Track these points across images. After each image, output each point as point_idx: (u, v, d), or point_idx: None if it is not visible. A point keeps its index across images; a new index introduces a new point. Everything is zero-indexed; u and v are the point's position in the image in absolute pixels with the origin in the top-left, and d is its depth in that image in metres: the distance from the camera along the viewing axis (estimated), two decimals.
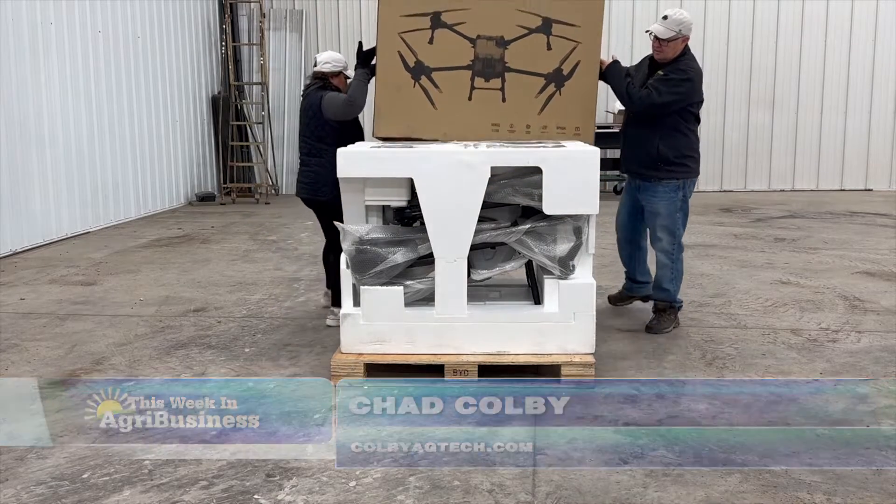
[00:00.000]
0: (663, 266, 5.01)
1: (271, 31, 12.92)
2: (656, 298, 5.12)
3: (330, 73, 5.15)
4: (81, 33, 9.25)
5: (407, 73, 4.47)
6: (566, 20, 4.44)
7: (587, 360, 4.13)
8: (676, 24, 4.71)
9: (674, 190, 4.90)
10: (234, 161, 12.70)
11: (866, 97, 12.73)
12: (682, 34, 4.74)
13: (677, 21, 4.71)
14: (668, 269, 5.00)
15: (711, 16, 12.65)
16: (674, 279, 5.02)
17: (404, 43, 4.44)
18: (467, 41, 4.45)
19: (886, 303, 5.74)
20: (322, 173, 5.02)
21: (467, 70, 4.49)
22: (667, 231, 4.95)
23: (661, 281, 5.05)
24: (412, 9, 4.41)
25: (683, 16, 4.75)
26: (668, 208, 4.92)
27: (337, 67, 5.16)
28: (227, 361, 4.60)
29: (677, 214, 4.94)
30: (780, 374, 4.28)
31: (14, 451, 3.42)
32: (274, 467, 3.24)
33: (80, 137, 9.18)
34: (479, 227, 4.12)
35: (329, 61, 5.16)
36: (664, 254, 4.99)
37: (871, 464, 3.22)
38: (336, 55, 5.26)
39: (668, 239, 4.96)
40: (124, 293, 6.27)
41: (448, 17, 4.42)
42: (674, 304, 5.09)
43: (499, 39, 4.45)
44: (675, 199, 4.91)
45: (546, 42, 4.46)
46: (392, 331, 4.20)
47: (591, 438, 3.48)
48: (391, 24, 4.43)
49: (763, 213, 10.53)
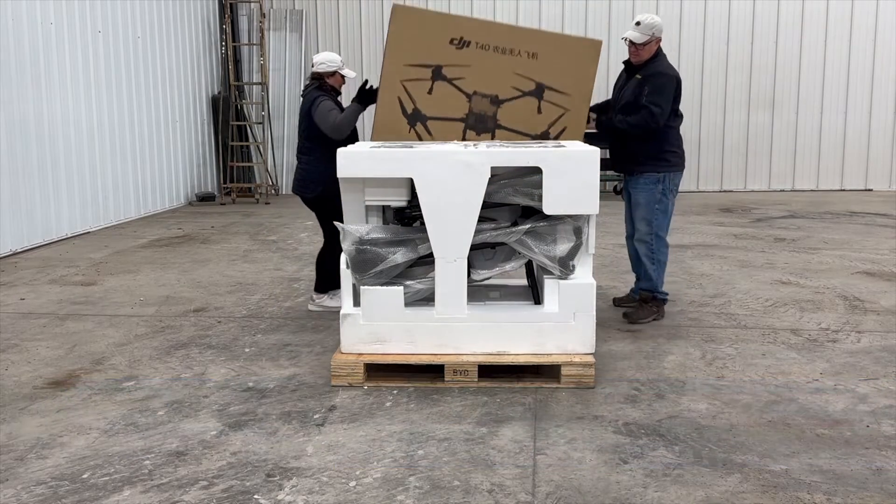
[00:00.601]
0: (644, 256, 5.24)
1: (271, 31, 12.93)
2: (639, 288, 5.37)
3: (325, 74, 5.36)
4: (81, 33, 9.25)
5: (404, 118, 4.71)
6: (558, 87, 4.70)
7: (587, 360, 4.13)
8: (649, 28, 5.03)
9: (653, 182, 5.12)
10: (234, 161, 12.71)
11: (866, 97, 12.73)
12: (654, 36, 5.05)
13: (650, 25, 5.03)
14: (648, 259, 5.22)
15: (711, 15, 12.66)
16: (655, 268, 5.23)
17: (405, 90, 4.67)
18: (464, 95, 4.70)
19: (886, 303, 5.75)
20: (310, 171, 5.34)
21: (461, 122, 4.74)
22: (644, 221, 5.18)
23: (645, 269, 5.27)
24: (417, 59, 4.65)
25: (654, 19, 5.07)
26: (647, 199, 5.14)
27: (331, 68, 5.36)
28: (227, 361, 4.60)
29: (656, 206, 5.14)
30: (780, 374, 4.29)
31: (14, 451, 3.42)
32: (274, 467, 3.24)
33: (80, 137, 9.19)
34: (479, 227, 4.12)
35: (324, 62, 5.37)
36: (643, 244, 5.22)
37: (871, 464, 3.22)
38: (331, 55, 5.43)
39: (645, 229, 5.18)
40: (124, 293, 6.28)
41: (449, 72, 4.67)
42: (655, 296, 5.28)
43: (493, 98, 4.70)
44: (654, 191, 5.13)
45: (537, 105, 4.72)
46: (392, 331, 4.20)
47: (591, 438, 3.49)
48: (395, 71, 4.67)
49: (763, 213, 10.53)
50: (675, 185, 5.20)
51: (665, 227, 5.23)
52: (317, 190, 5.30)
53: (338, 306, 5.27)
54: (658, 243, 5.21)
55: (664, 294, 5.35)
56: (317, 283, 5.66)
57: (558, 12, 12.78)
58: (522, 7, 12.82)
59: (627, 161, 5.19)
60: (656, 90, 4.96)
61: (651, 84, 4.98)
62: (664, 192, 5.14)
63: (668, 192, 5.16)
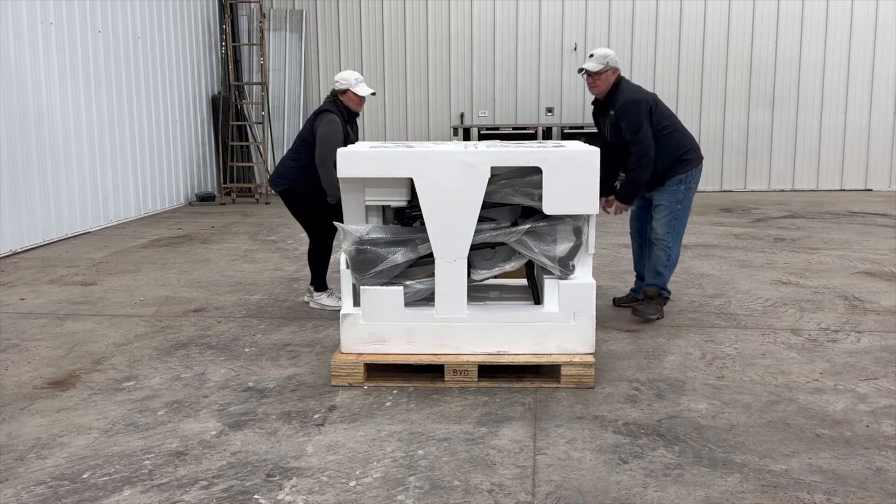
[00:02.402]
0: (659, 252, 5.26)
1: (271, 31, 12.93)
2: (649, 283, 5.35)
3: (337, 91, 5.47)
4: (81, 33, 9.25)
5: None
6: None
7: (587, 360, 4.13)
8: (602, 58, 5.17)
9: (676, 184, 5.21)
10: (234, 161, 12.72)
11: (866, 97, 12.73)
12: (609, 66, 5.18)
13: (602, 56, 5.18)
14: (664, 255, 5.25)
15: (711, 15, 12.66)
16: (668, 266, 5.27)
17: None
18: None
19: (886, 303, 5.74)
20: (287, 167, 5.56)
21: None
22: (663, 222, 5.23)
23: (655, 265, 5.29)
24: None
25: (607, 51, 5.25)
26: (670, 199, 5.22)
27: (343, 85, 5.44)
28: (227, 361, 4.60)
29: (678, 206, 5.21)
30: (780, 374, 4.28)
31: (14, 451, 3.42)
32: (274, 467, 3.24)
33: (80, 137, 9.19)
34: (479, 227, 4.11)
35: (337, 79, 5.48)
36: (659, 244, 5.25)
37: (871, 464, 3.22)
38: (345, 74, 5.50)
39: (663, 230, 5.22)
40: (124, 293, 6.28)
41: None
42: (662, 293, 5.33)
43: None
44: (677, 192, 5.21)
45: None
46: (392, 331, 4.20)
47: (591, 438, 3.49)
48: None
49: (763, 213, 10.53)
50: (696, 181, 5.28)
51: (683, 228, 5.31)
52: (282, 185, 5.52)
53: (336, 306, 5.41)
54: (675, 242, 5.27)
55: (668, 293, 5.40)
56: (312, 279, 5.77)
57: (558, 12, 12.78)
58: (522, 7, 12.82)
59: (653, 182, 5.21)
60: (630, 125, 5.05)
61: (624, 119, 5.07)
62: (686, 191, 5.23)
63: (689, 189, 5.24)
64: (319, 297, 5.73)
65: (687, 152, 5.22)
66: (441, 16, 12.95)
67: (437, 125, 13.18)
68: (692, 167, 5.23)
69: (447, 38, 12.99)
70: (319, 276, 5.73)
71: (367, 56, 13.09)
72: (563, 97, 12.93)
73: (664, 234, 5.22)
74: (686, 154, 5.21)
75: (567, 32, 12.81)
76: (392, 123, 13.24)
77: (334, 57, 13.15)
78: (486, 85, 13.06)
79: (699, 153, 5.31)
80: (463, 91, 13.10)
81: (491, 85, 13.06)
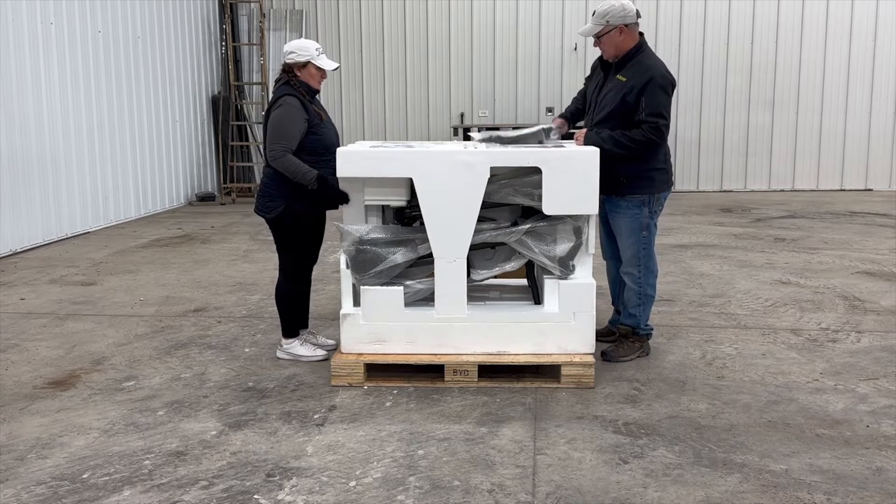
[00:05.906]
0: (629, 289, 4.51)
1: (271, 31, 12.93)
2: (621, 322, 4.64)
3: (294, 65, 4.37)
4: (81, 33, 9.25)
5: None
6: None
7: (587, 359, 4.13)
8: (601, 16, 4.25)
9: (637, 206, 4.35)
10: (234, 161, 12.71)
11: (866, 97, 12.73)
12: (611, 24, 4.22)
13: (601, 13, 4.24)
14: (633, 293, 4.49)
15: (711, 16, 12.66)
16: (641, 305, 4.50)
17: None
18: None
19: (886, 303, 5.74)
20: (269, 185, 4.40)
21: None
22: (629, 251, 4.44)
23: (627, 305, 4.56)
24: None
25: (610, 5, 4.23)
26: (631, 226, 4.38)
27: (303, 57, 4.35)
28: (227, 361, 4.60)
29: (643, 234, 4.38)
30: (780, 374, 4.28)
31: (14, 451, 3.42)
32: (274, 467, 3.24)
33: (80, 137, 9.19)
34: (479, 227, 4.11)
35: (294, 50, 4.38)
36: (628, 276, 4.49)
37: (871, 464, 3.22)
38: (303, 42, 4.42)
39: (631, 260, 4.45)
40: (124, 293, 6.27)
41: None
42: (637, 332, 4.56)
43: None
44: (639, 217, 4.36)
45: None
46: (392, 331, 4.20)
47: (591, 438, 3.48)
48: None
49: (763, 213, 10.53)
50: (661, 206, 4.43)
51: (653, 255, 4.48)
52: (277, 208, 4.36)
53: (311, 355, 4.56)
54: (647, 276, 4.46)
55: (648, 328, 4.59)
56: (282, 326, 4.65)
57: (558, 12, 12.78)
58: (522, 7, 12.82)
59: (607, 182, 4.22)
60: (655, 100, 4.16)
61: (648, 94, 4.16)
62: (651, 216, 4.37)
63: (654, 214, 4.39)
64: (290, 344, 4.62)
65: (659, 171, 4.33)
66: (441, 16, 12.95)
67: (437, 125, 13.18)
68: (657, 190, 4.34)
69: (447, 37, 12.99)
70: (288, 317, 4.62)
71: (367, 56, 13.09)
72: (564, 97, 12.92)
73: (633, 267, 4.44)
74: (657, 173, 4.33)
75: (567, 32, 12.80)
76: (392, 123, 13.24)
77: (334, 57, 13.14)
78: (487, 85, 13.06)
79: (671, 176, 4.44)
80: (463, 91, 13.10)
81: (491, 85, 13.06)
